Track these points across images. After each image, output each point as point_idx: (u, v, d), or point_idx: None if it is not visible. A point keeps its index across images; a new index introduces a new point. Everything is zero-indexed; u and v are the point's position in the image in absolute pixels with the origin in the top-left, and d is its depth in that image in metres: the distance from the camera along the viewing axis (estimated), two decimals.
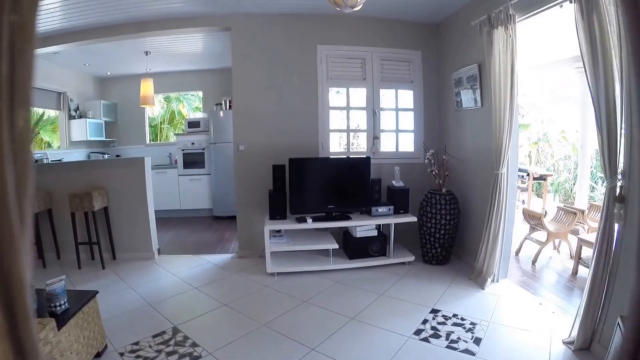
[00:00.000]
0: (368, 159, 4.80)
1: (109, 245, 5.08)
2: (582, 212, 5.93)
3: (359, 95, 5.33)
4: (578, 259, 4.77)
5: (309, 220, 4.51)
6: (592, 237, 4.93)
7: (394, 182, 4.99)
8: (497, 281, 4.29)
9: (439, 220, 4.66)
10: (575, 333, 2.94)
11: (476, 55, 4.45)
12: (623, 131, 2.55)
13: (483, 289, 4.12)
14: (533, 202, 8.76)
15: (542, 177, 8.21)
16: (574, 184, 10.23)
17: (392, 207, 4.79)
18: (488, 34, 3.99)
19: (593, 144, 6.93)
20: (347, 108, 5.36)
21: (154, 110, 10.48)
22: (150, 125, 10.36)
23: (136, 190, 5.10)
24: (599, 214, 5.92)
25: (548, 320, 3.44)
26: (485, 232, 4.23)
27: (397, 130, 5.52)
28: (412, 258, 4.84)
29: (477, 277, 4.33)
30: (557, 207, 5.98)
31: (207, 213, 7.90)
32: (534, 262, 5.16)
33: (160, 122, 11.00)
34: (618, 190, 2.66)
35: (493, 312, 3.63)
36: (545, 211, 8.10)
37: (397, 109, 5.49)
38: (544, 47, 5.85)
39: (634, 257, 2.46)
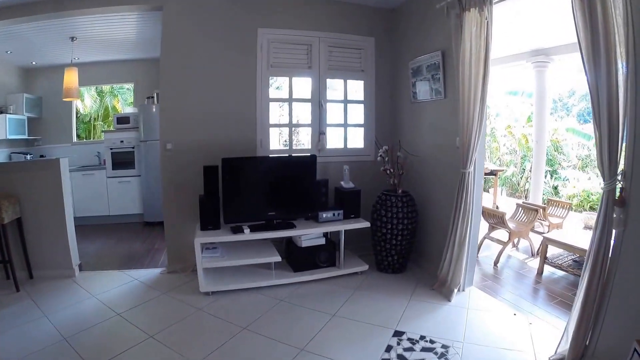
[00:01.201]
0: (313, 157, 4.24)
1: (25, 262, 4.26)
2: (544, 208, 5.64)
3: (303, 86, 4.77)
4: (544, 258, 4.54)
5: (246, 230, 3.88)
6: (558, 235, 4.69)
7: (342, 183, 4.46)
8: (463, 290, 3.95)
9: (395, 225, 4.18)
10: (562, 349, 2.69)
11: (440, 42, 4.07)
12: (626, 125, 2.29)
13: (449, 300, 3.74)
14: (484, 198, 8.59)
15: (493, 173, 7.99)
16: (521, 178, 10.27)
17: (341, 212, 4.26)
18: (457, 17, 3.60)
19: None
20: (290, 100, 4.79)
21: (85, 105, 9.63)
22: (83, 122, 9.62)
23: (52, 197, 4.30)
24: (560, 209, 5.97)
25: (527, 334, 3.14)
26: (450, 238, 3.83)
27: (346, 125, 5.00)
28: (365, 267, 4.34)
29: (440, 287, 3.93)
30: (517, 204, 5.66)
31: (138, 218, 7.12)
32: (495, 263, 4.89)
33: (94, 119, 10.06)
34: (618, 192, 2.40)
35: (465, 329, 3.24)
36: (497, 206, 7.95)
37: (345, 101, 4.97)
38: (499, 41, 5.51)
39: (636, 266, 2.31)
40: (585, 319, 2.53)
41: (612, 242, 2.45)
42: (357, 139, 5.08)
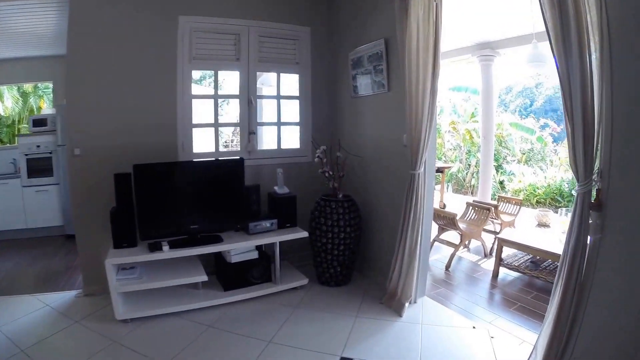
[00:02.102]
0: (241, 160, 3.73)
1: None
2: (495, 207, 5.42)
3: (230, 80, 4.28)
4: (499, 260, 4.35)
5: (165, 248, 3.34)
6: (513, 235, 4.49)
7: (276, 188, 3.99)
8: (415, 302, 3.64)
9: (336, 234, 3.76)
10: None
11: (383, 29, 3.73)
12: (602, 119, 2.07)
13: (400, 316, 3.40)
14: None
15: (439, 170, 7.84)
16: (466, 174, 10.29)
17: (275, 221, 3.79)
18: (402, 0, 3.25)
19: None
20: (215, 96, 4.27)
21: (6, 106, 8.68)
22: (6, 126, 8.78)
23: None
24: (511, 206, 5.79)
25: (489, 350, 2.90)
26: (400, 247, 3.49)
27: (279, 123, 4.54)
28: (305, 281, 3.90)
29: (390, 300, 3.58)
30: (467, 203, 5.41)
31: (59, 231, 6.35)
32: (447, 267, 4.66)
33: (18, 121, 9.13)
34: (594, 195, 2.16)
35: (421, 350, 2.92)
36: (444, 204, 7.79)
37: (278, 97, 4.51)
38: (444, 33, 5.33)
39: (614, 277, 2.10)
40: (557, 335, 2.28)
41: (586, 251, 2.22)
42: (292, 139, 4.64)
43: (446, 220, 4.78)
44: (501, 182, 9.86)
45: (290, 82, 4.56)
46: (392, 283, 3.56)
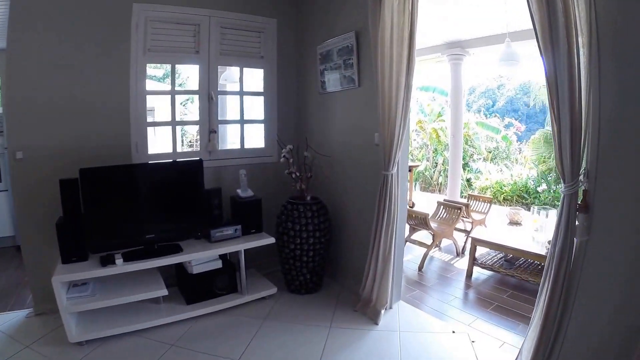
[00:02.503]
0: (199, 162, 3.41)
1: None
2: (466, 205, 5.31)
3: (189, 75, 3.96)
4: (473, 259, 4.29)
5: (119, 261, 3.00)
6: (487, 234, 4.39)
7: (239, 191, 3.70)
8: (391, 307, 3.46)
9: (305, 239, 3.51)
10: None
11: (354, 21, 3.50)
12: (590, 116, 1.98)
13: (376, 324, 3.21)
14: None
15: (408, 168, 7.67)
16: (434, 172, 10.31)
17: (239, 227, 3.49)
18: None
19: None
20: (172, 92, 3.93)
21: None
22: None
23: None
24: (482, 204, 5.71)
25: (472, 355, 2.79)
26: (373, 251, 3.29)
27: (242, 121, 4.24)
28: (273, 290, 3.63)
29: (364, 307, 3.37)
30: (438, 202, 5.29)
31: (10, 242, 5.83)
32: (420, 268, 4.53)
33: None
34: (581, 196, 2.06)
35: None
36: (413, 203, 7.70)
37: (241, 93, 4.21)
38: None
39: (601, 281, 2.04)
40: (544, 339, 2.20)
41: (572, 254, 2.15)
42: (256, 138, 4.36)
43: (417, 220, 4.63)
44: (468, 180, 9.89)
45: (255, 77, 4.29)
46: (366, 289, 3.36)
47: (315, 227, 3.52)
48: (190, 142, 10.43)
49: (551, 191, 8.29)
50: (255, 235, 3.57)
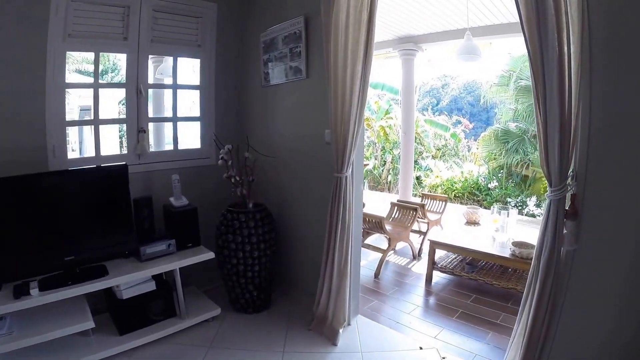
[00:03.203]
0: (123, 167, 2.88)
1: None
2: (422, 206, 5.06)
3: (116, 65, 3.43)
4: (432, 264, 4.04)
5: (34, 290, 2.41)
6: (446, 236, 4.20)
7: (172, 199, 3.21)
8: (349, 324, 3.10)
9: (248, 253, 3.09)
10: None
11: (303, 5, 3.13)
12: (580, 113, 1.77)
13: (335, 344, 2.85)
14: None
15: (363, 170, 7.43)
16: (382, 171, 10.18)
17: (172, 242, 2.98)
18: None
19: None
20: (96, 85, 3.37)
21: None
22: None
23: None
24: (437, 203, 5.50)
25: None
26: (327, 265, 2.93)
27: (175, 119, 3.74)
28: (217, 311, 3.16)
29: (320, 326, 3.00)
30: (392, 203, 5.00)
31: None
32: (376, 275, 4.22)
33: None
34: (569, 201, 1.84)
35: None
36: (363, 203, 7.45)
37: (175, 86, 3.70)
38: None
39: (589, 293, 1.86)
40: (529, 357, 2.00)
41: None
42: (192, 137, 3.87)
43: (371, 224, 4.32)
44: (417, 178, 9.81)
45: (196, 70, 3.80)
46: (321, 307, 2.99)
47: (260, 238, 3.11)
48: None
49: (502, 188, 8.31)
50: (192, 251, 3.08)
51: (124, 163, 2.88)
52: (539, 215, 7.79)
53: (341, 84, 2.68)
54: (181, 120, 3.80)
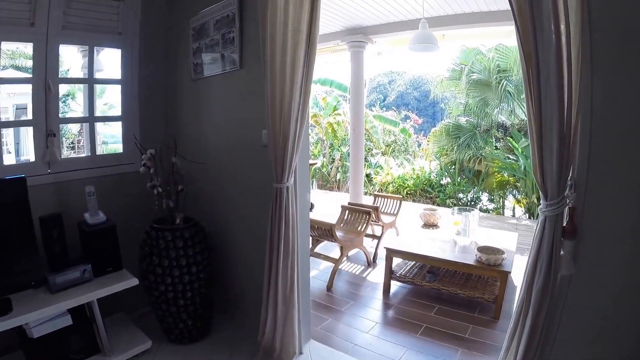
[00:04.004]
0: (20, 180, 2.32)
1: None
2: (375, 209, 4.77)
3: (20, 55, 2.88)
4: (389, 273, 3.74)
5: None
6: (403, 244, 3.92)
7: (87, 215, 2.66)
8: (301, 352, 2.72)
9: (178, 278, 2.61)
10: None
11: None
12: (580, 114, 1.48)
13: None
14: None
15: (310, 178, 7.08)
16: (331, 169, 9.96)
17: (88, 267, 2.44)
18: None
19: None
20: None
21: None
22: None
23: None
24: (391, 204, 5.19)
25: None
26: (270, 290, 2.50)
27: (92, 119, 3.16)
28: (148, 344, 2.67)
29: (267, 356, 2.58)
30: (342, 206, 4.66)
31: None
32: (329, 288, 3.88)
33: None
34: (566, 217, 1.54)
35: None
36: (312, 204, 7.13)
37: (90, 80, 3.14)
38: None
39: (588, 325, 1.60)
40: None
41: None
42: (112, 141, 3.37)
43: (321, 232, 3.95)
44: (368, 175, 9.61)
45: (109, 61, 3.28)
46: (267, 336, 2.56)
47: (190, 260, 2.64)
48: (71, 143, 8.80)
49: (455, 184, 8.23)
50: (112, 276, 2.55)
51: (21, 175, 2.33)
52: (491, 211, 7.79)
53: (280, 74, 2.24)
54: (99, 120, 3.25)
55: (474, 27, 4.89)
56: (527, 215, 7.35)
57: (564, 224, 1.53)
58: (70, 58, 2.92)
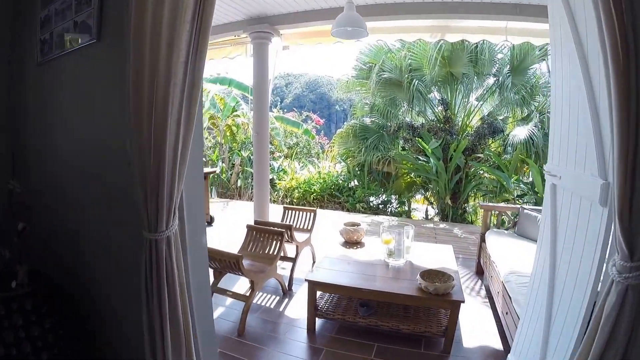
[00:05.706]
0: None
1: None
2: (289, 227, 4.00)
3: None
4: (314, 309, 3.04)
5: None
6: (326, 274, 3.13)
7: None
8: None
9: None
10: None
11: None
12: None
13: None
14: None
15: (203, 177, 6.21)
16: (231, 175, 9.49)
17: None
18: None
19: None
20: None
21: None
22: None
23: None
24: (304, 217, 4.34)
25: None
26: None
27: None
28: None
29: None
30: (248, 226, 3.82)
31: None
32: (241, 332, 3.02)
33: None
34: None
35: None
36: (212, 217, 6.30)
37: None
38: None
39: None
40: None
41: None
42: None
43: (224, 264, 3.07)
44: (271, 180, 8.92)
45: None
46: None
47: (38, 343, 1.69)
48: None
49: (364, 187, 7.83)
50: None
51: None
52: (404, 214, 7.49)
53: (154, 50, 1.36)
54: None
55: (397, 20, 4.41)
56: (439, 216, 7.14)
57: None
58: None
